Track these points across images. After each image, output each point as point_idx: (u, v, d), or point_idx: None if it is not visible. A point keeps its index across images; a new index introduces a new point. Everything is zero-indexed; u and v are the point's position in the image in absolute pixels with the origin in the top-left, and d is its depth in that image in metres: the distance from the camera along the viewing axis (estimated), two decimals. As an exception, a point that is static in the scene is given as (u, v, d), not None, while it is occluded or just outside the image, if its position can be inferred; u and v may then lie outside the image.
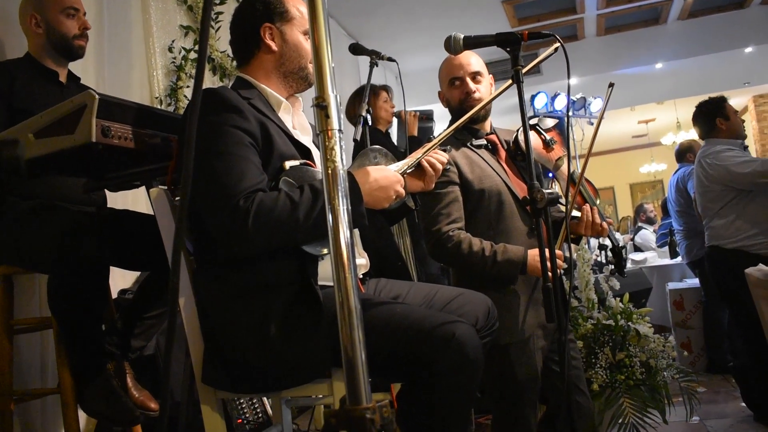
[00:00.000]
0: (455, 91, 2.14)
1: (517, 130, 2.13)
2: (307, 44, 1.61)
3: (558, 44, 1.72)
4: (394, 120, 4.13)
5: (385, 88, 3.97)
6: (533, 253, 1.93)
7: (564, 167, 2.15)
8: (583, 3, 6.36)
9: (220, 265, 1.45)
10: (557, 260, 1.64)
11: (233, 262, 1.42)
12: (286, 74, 1.62)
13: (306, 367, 1.38)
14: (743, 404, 3.39)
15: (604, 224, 2.07)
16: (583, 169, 1.97)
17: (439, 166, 1.65)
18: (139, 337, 2.07)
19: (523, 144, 1.71)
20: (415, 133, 3.96)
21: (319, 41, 0.91)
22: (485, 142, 2.17)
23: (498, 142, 2.23)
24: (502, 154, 2.21)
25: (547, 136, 2.19)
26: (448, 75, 2.16)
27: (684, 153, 4.79)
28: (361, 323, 0.86)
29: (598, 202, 2.16)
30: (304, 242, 1.38)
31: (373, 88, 3.85)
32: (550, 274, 1.58)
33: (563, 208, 2.09)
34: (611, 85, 1.84)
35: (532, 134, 2.20)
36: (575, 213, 2.07)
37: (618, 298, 2.84)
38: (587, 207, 2.07)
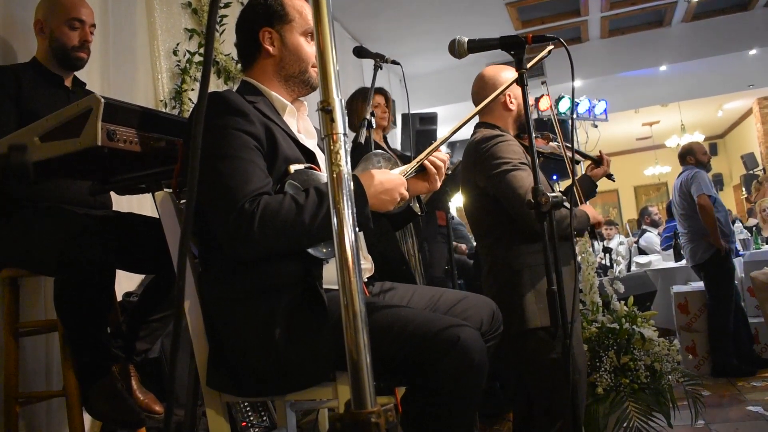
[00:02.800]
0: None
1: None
2: (307, 47, 1.61)
3: (551, 47, 1.73)
4: (399, 123, 4.05)
5: (380, 92, 3.69)
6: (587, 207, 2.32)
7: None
8: (587, 5, 6.36)
9: (224, 268, 1.45)
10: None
11: (238, 265, 1.42)
12: (286, 78, 1.62)
13: (310, 370, 1.38)
14: (748, 408, 3.38)
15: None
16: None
17: (441, 164, 1.65)
18: (144, 339, 2.07)
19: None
20: None
21: (324, 46, 0.91)
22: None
23: None
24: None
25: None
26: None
27: (684, 156, 4.78)
28: (366, 326, 0.86)
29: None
30: (309, 245, 1.38)
31: (364, 92, 3.72)
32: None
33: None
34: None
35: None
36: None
37: (622, 302, 2.83)
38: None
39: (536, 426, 2.22)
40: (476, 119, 2.30)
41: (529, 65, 1.74)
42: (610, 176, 2.67)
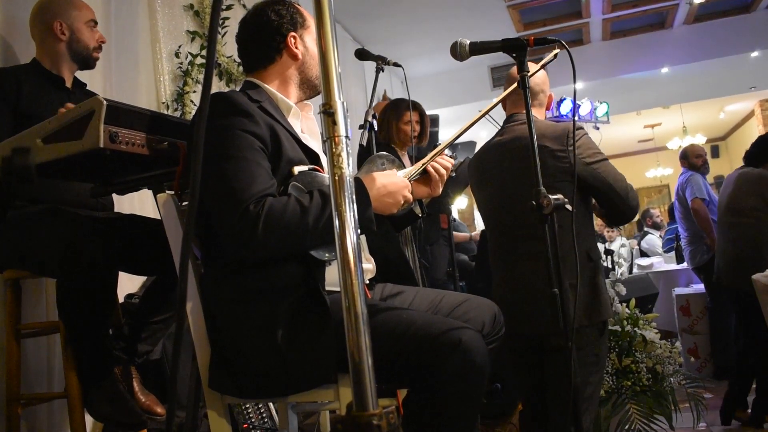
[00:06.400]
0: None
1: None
2: None
3: (557, 51, 1.73)
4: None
5: (416, 108, 3.61)
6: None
7: None
8: (589, 7, 6.36)
9: (226, 270, 1.45)
10: None
11: (240, 266, 1.42)
12: (303, 81, 1.66)
13: (312, 372, 1.38)
14: (750, 410, 3.37)
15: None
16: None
17: (444, 171, 1.66)
18: (146, 341, 2.07)
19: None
20: None
21: (326, 48, 0.91)
22: None
23: None
24: None
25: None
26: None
27: (680, 159, 4.81)
28: (368, 328, 0.86)
29: None
30: (313, 247, 1.39)
31: (398, 106, 3.69)
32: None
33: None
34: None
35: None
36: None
37: (624, 304, 2.83)
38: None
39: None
40: (479, 123, 2.28)
41: (533, 72, 1.75)
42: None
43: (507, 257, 2.27)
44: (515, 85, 1.72)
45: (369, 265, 1.65)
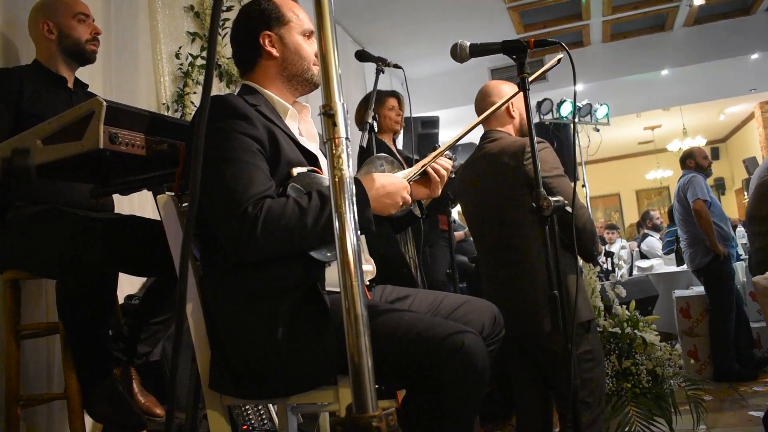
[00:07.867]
0: None
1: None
2: (307, 45, 1.62)
3: (561, 56, 1.73)
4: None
5: (395, 95, 3.77)
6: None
7: None
8: (589, 9, 6.37)
9: (226, 271, 1.45)
10: None
11: (240, 267, 1.42)
12: (290, 78, 1.63)
13: (312, 373, 1.38)
14: (750, 413, 3.37)
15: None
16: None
17: (444, 173, 1.66)
18: (145, 342, 2.07)
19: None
20: None
21: (327, 49, 0.91)
22: None
23: None
24: None
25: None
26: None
27: (684, 160, 4.80)
28: (368, 330, 0.86)
29: None
30: (312, 248, 1.39)
31: (379, 95, 3.76)
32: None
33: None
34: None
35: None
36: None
37: (624, 306, 2.83)
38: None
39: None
40: (481, 126, 2.31)
41: (535, 75, 1.75)
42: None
43: (490, 265, 2.42)
44: (518, 83, 1.72)
45: (369, 267, 1.64)
